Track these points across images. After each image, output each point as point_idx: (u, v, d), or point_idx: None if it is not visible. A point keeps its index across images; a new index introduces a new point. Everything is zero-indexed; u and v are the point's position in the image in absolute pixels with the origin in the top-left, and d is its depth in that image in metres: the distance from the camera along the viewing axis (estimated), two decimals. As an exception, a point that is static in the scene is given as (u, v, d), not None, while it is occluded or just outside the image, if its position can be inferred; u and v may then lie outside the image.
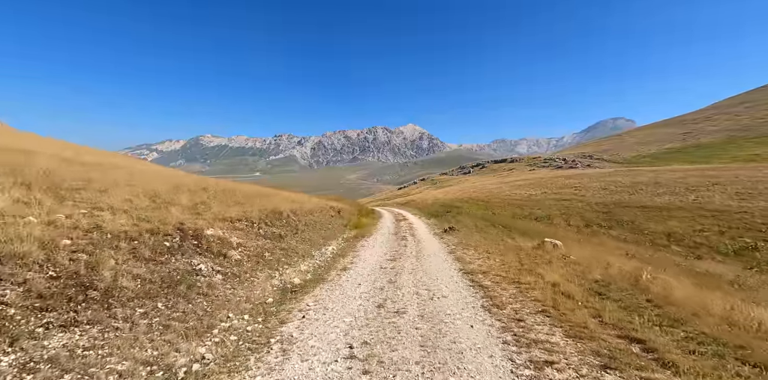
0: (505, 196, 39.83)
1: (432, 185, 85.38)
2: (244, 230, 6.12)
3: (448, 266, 6.29)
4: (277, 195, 13.97)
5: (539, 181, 47.98)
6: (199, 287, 3.53)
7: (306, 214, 11.12)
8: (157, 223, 4.14)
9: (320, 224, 11.06)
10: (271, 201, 10.81)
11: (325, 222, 11.71)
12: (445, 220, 16.59)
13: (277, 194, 14.56)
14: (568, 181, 42.84)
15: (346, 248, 8.56)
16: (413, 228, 13.56)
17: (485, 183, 61.02)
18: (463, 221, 16.00)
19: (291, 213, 9.34)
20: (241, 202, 8.86)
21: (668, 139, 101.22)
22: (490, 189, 47.56)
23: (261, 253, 5.58)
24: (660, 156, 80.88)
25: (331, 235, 10.36)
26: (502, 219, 17.83)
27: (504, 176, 75.32)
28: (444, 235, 11.32)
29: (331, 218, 13.61)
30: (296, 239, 7.67)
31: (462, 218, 18.29)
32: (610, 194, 32.06)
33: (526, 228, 12.67)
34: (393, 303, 4.13)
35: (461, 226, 13.50)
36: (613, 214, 25.35)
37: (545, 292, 4.12)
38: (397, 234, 11.80)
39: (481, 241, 9.52)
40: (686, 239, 19.42)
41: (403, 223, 15.96)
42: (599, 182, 37.96)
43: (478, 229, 12.28)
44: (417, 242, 9.90)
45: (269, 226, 7.22)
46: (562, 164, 78.67)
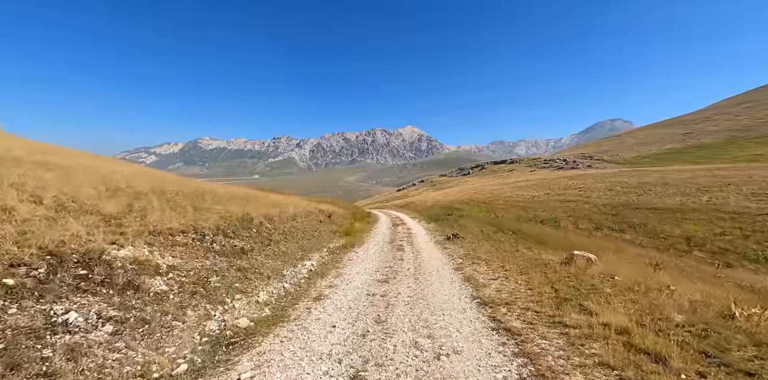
0: (507, 197, 38.39)
1: (431, 186, 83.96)
2: (188, 246, 4.60)
3: (456, 292, 4.75)
4: (261, 198, 12.43)
5: (541, 182, 46.63)
6: (46, 359, 2.02)
7: (287, 220, 9.58)
8: (14, 245, 2.65)
9: (303, 232, 9.53)
10: (247, 206, 9.27)
11: (309, 229, 10.18)
12: (447, 224, 15.05)
13: (262, 197, 13.03)
14: (572, 182, 41.50)
15: (330, 263, 7.01)
16: (411, 235, 12.02)
17: (485, 184, 59.65)
18: (467, 225, 14.47)
19: (266, 220, 7.82)
20: (204, 207, 7.34)
21: (668, 139, 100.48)
22: (490, 190, 46.11)
23: (204, 278, 4.06)
24: (661, 157, 79.99)
25: (315, 245, 8.81)
26: (509, 223, 16.30)
27: (504, 177, 74.07)
28: (447, 243, 9.77)
29: (318, 223, 12.06)
30: (266, 253, 6.13)
31: (465, 222, 16.75)
32: (617, 195, 30.69)
33: (540, 234, 11.21)
34: (377, 369, 2.61)
35: (465, 232, 11.97)
36: (623, 216, 23.92)
37: (613, 348, 2.62)
38: (393, 243, 10.24)
39: (493, 252, 8.00)
40: (708, 243, 17.95)
41: (400, 228, 14.41)
42: (604, 183, 36.64)
43: (485, 236, 10.78)
44: (416, 253, 8.36)
45: (230, 238, 5.70)
46: (562, 165, 77.54)
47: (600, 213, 25.83)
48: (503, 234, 11.59)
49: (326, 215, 14.32)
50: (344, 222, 15.01)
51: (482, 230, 12.36)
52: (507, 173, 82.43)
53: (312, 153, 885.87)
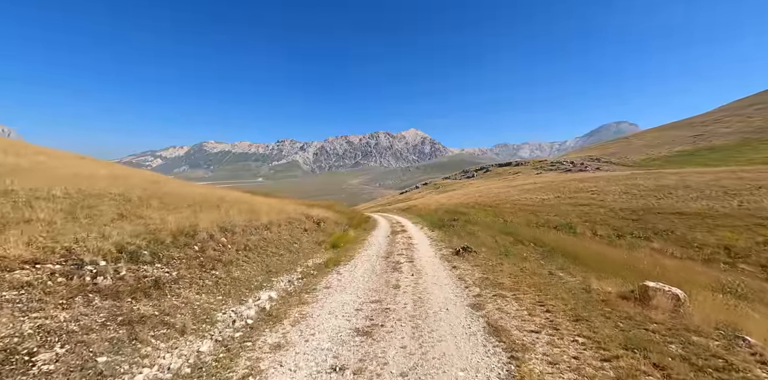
0: (515, 201, 36.29)
1: (435, 189, 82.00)
2: (38, 287, 2.75)
3: (483, 363, 2.82)
4: (239, 203, 10.60)
5: (549, 184, 44.50)
6: None
7: (257, 230, 7.70)
8: None
9: (278, 246, 7.65)
10: (210, 213, 7.43)
11: (287, 241, 8.31)
12: (454, 232, 13.07)
13: (244, 202, 11.20)
14: (583, 184, 39.35)
15: (297, 293, 5.08)
16: (413, 246, 10.06)
17: (491, 187, 57.60)
18: (477, 234, 12.48)
19: (220, 232, 5.97)
20: (138, 215, 5.52)
21: (678, 141, 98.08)
22: (497, 193, 44.04)
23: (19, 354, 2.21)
24: (671, 159, 77.71)
25: (288, 263, 6.91)
26: (525, 231, 14.28)
27: (510, 179, 72.06)
28: (456, 260, 7.81)
29: (302, 233, 10.16)
30: (202, 283, 4.26)
31: (473, 228, 14.75)
32: (634, 198, 28.52)
33: (570, 247, 9.24)
34: None
35: (477, 243, 10.01)
36: (645, 221, 21.77)
37: None
38: (389, 258, 8.29)
39: (518, 275, 6.04)
40: (753, 254, 15.76)
41: (400, 237, 12.46)
42: (618, 186, 34.48)
43: (501, 249, 8.81)
44: (416, 275, 6.41)
45: (144, 263, 3.85)
46: (570, 167, 75.45)
47: (618, 218, 23.71)
48: (523, 246, 9.59)
49: (315, 221, 12.42)
50: (336, 230, 13.11)
51: (497, 241, 10.37)
52: (512, 175, 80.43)
53: (316, 156, 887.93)
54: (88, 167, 16.14)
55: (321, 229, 12.01)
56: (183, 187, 13.87)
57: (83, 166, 15.92)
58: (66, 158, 18.40)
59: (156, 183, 13.83)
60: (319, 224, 12.28)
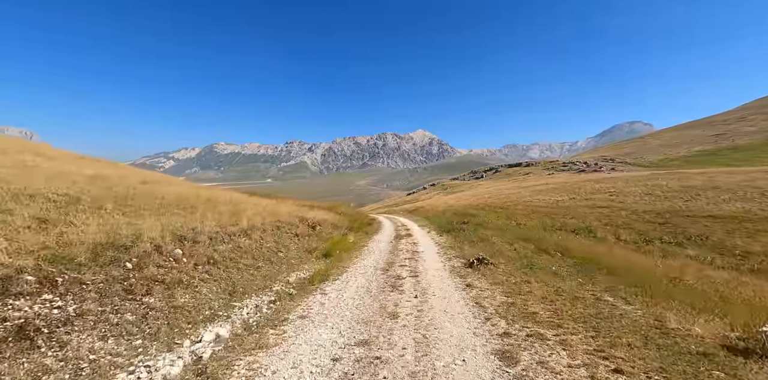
0: (527, 202, 34.49)
1: (442, 190, 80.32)
2: None
3: None
4: (224, 204, 9.43)
5: (563, 185, 42.49)
6: None
7: (232, 238, 6.46)
8: None
9: (256, 256, 6.40)
10: (174, 216, 6.25)
11: (271, 250, 7.06)
12: (465, 238, 11.64)
13: (229, 203, 10.03)
14: (599, 185, 37.28)
15: (260, 328, 3.75)
16: (417, 255, 8.69)
17: (501, 188, 55.75)
18: (491, 239, 11.01)
19: (174, 242, 4.75)
20: (57, 220, 4.33)
21: (698, 141, 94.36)
22: (507, 195, 42.24)
23: None
24: (691, 159, 74.50)
25: (265, 279, 5.63)
26: (545, 237, 12.74)
27: (520, 180, 69.97)
28: (470, 275, 6.41)
29: (292, 239, 8.90)
30: (117, 319, 2.97)
31: (486, 233, 13.26)
32: (658, 200, 26.52)
33: (604, 257, 7.75)
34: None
35: (492, 251, 8.58)
36: (674, 225, 19.88)
37: None
38: (389, 271, 6.94)
39: (555, 301, 4.62)
40: (810, 264, 13.92)
41: (404, 243, 11.10)
42: (639, 187, 32.40)
43: (523, 260, 7.39)
44: (421, 298, 5.05)
45: (16, 297, 2.59)
46: (584, 168, 72.90)
47: (643, 221, 21.83)
48: (548, 257, 8.13)
49: (309, 225, 11.13)
50: (334, 234, 11.82)
51: (515, 249, 8.92)
52: (523, 176, 78.25)
53: (323, 157, 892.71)
54: (82, 166, 15.27)
55: (316, 233, 10.74)
56: (171, 187, 12.79)
57: (77, 166, 15.05)
58: (61, 159, 17.62)
59: (145, 183, 12.79)
60: (315, 228, 10.99)
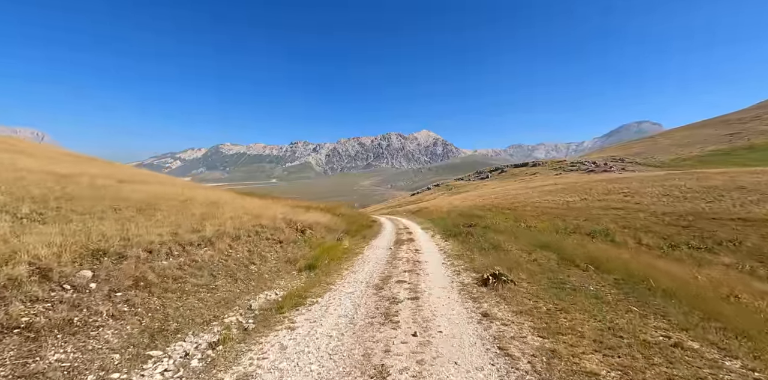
0: (536, 203, 32.92)
1: (447, 190, 78.76)
2: None
3: None
4: (202, 205, 8.22)
5: (573, 186, 40.82)
6: None
7: (189, 249, 5.22)
8: None
9: (216, 271, 5.19)
10: (116, 221, 5.00)
11: (241, 262, 5.83)
12: (474, 244, 10.27)
13: (205, 204, 8.80)
14: (612, 186, 35.58)
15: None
16: (419, 267, 7.36)
17: (507, 188, 54.12)
18: (505, 246, 9.61)
19: (79, 260, 3.48)
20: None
21: (711, 140, 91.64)
22: (514, 195, 40.66)
23: None
24: (705, 159, 72.11)
25: (217, 305, 4.39)
26: (567, 243, 11.28)
27: (527, 180, 68.24)
28: (486, 298, 5.08)
29: (273, 246, 7.65)
30: None
31: (497, 237, 11.85)
32: (678, 201, 24.85)
33: (651, 272, 6.33)
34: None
35: (508, 261, 7.21)
36: (700, 229, 18.22)
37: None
38: (382, 290, 5.63)
39: (617, 349, 3.26)
40: None
41: (405, 250, 9.76)
42: (655, 187, 30.69)
43: (548, 275, 6.03)
44: (421, 337, 3.70)
45: None
46: (593, 168, 70.94)
47: (663, 224, 20.20)
48: (579, 270, 6.72)
49: (298, 229, 9.84)
50: (327, 239, 10.51)
51: (536, 259, 7.54)
52: (530, 176, 76.43)
53: (328, 157, 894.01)
54: (62, 165, 14.26)
55: (305, 239, 9.44)
56: (150, 186, 11.65)
57: (57, 164, 14.02)
58: (45, 158, 16.67)
59: (121, 182, 11.70)
60: (304, 233, 9.68)
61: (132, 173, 20.75)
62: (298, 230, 9.52)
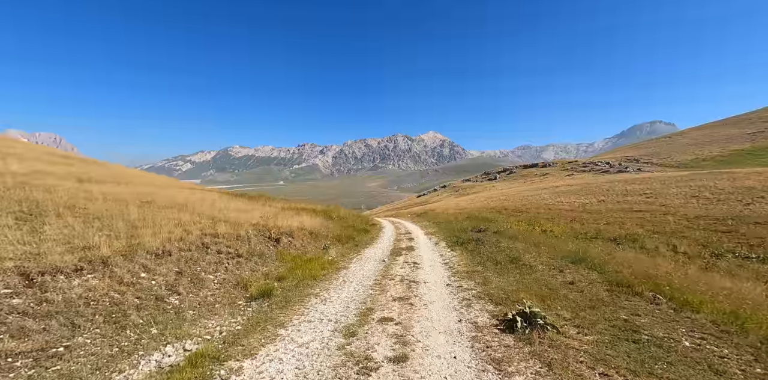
0: (549, 205, 30.82)
1: (454, 192, 76.61)
2: None
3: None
4: (160, 208, 6.66)
5: (587, 187, 38.54)
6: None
7: (29, 283, 3.57)
8: None
9: (75, 320, 3.47)
10: None
11: (145, 296, 4.16)
12: (488, 256, 8.46)
13: (162, 206, 7.24)
14: (631, 187, 33.32)
15: None
16: (417, 292, 5.60)
17: (518, 190, 51.89)
18: (526, 259, 7.80)
19: None
20: None
21: (733, 139, 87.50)
22: (525, 197, 38.55)
23: None
24: (726, 159, 68.48)
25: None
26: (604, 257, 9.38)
27: (537, 181, 65.78)
28: (522, 369, 3.18)
29: (223, 263, 6.05)
30: None
31: (513, 246, 10.00)
32: (711, 203, 22.57)
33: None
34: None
35: (534, 284, 5.43)
36: (744, 235, 16.01)
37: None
38: (352, 344, 3.85)
39: None
40: None
41: (401, 263, 8.03)
42: (680, 188, 28.38)
43: (602, 310, 4.21)
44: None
45: None
46: (607, 168, 68.16)
47: (698, 229, 18.00)
48: (643, 302, 4.83)
49: (271, 237, 8.15)
50: (309, 249, 8.83)
51: (572, 282, 5.71)
52: (540, 177, 73.85)
53: (335, 160, 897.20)
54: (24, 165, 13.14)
55: (280, 250, 7.77)
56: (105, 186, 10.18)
57: (22, 163, 12.95)
58: (26, 158, 15.74)
59: (82, 182, 10.30)
60: (279, 242, 7.96)
61: (115, 174, 19.33)
62: (270, 239, 7.85)
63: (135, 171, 31.29)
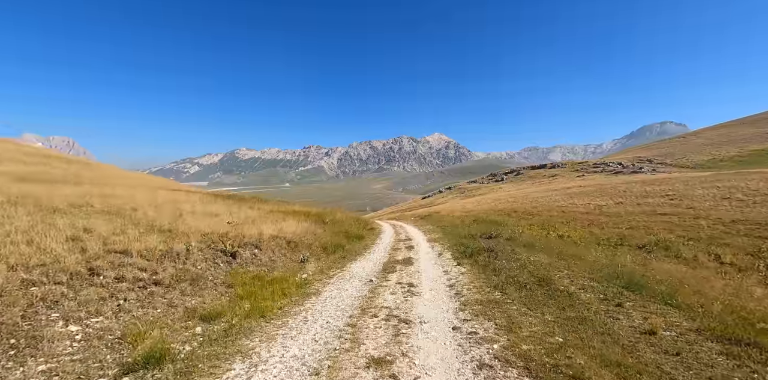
0: (562, 207, 28.66)
1: (459, 193, 74.37)
2: None
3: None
4: None
5: (602, 188, 36.25)
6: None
7: None
8: None
9: None
10: None
11: None
12: (507, 276, 6.56)
13: None
14: (650, 188, 31.01)
15: None
16: (405, 344, 3.64)
17: (526, 191, 49.66)
18: (559, 283, 5.90)
19: None
20: None
21: (751, 139, 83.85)
22: (535, 198, 36.36)
23: None
24: (746, 160, 65.22)
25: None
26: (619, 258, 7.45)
27: (547, 183, 63.36)
28: None
29: (115, 299, 4.27)
30: None
31: (533, 258, 8.13)
32: (746, 206, 20.35)
33: None
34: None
35: (593, 337, 3.53)
36: (793, 242, 13.83)
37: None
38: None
39: None
40: None
41: (392, 286, 6.22)
42: (707, 190, 26.01)
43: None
44: None
45: None
46: (620, 169, 65.41)
47: (738, 235, 15.94)
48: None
49: (226, 252, 6.38)
50: (279, 264, 7.06)
51: (651, 332, 3.76)
52: (549, 178, 71.28)
53: (340, 162, 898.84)
54: None
55: (235, 267, 5.96)
56: (43, 186, 8.62)
57: None
58: None
59: (22, 181, 8.68)
60: (235, 257, 6.12)
61: (102, 174, 18.10)
62: (225, 253, 6.06)
63: (127, 173, 29.70)
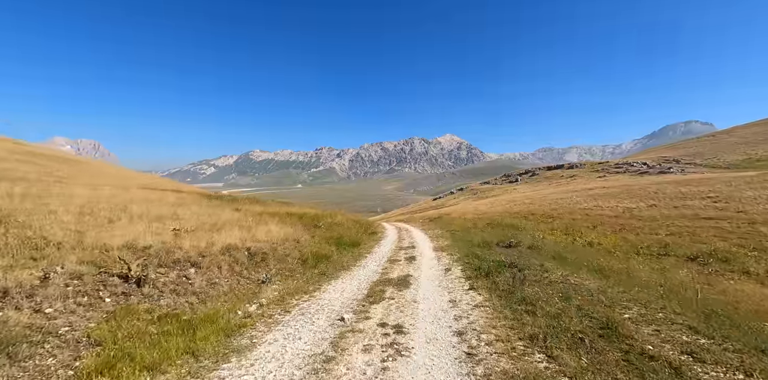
0: (585, 210, 25.86)
1: (472, 195, 71.36)
2: None
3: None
4: None
5: (628, 189, 33.11)
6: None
7: None
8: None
9: None
10: None
11: None
12: (548, 319, 4.22)
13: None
14: (686, 189, 27.81)
15: None
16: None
17: (543, 193, 46.48)
18: (645, 339, 3.70)
19: None
20: None
21: (793, 136, 77.75)
22: (554, 200, 33.48)
23: None
24: (786, 159, 59.93)
25: None
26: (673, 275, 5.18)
27: (565, 184, 59.75)
28: None
29: None
30: None
31: (571, 278, 5.97)
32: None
33: None
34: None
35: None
36: None
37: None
38: None
39: None
40: None
41: (369, 335, 4.12)
42: (757, 191, 23.02)
43: None
44: None
45: None
46: (645, 169, 61.12)
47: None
48: None
49: (129, 277, 4.43)
50: (218, 289, 5.11)
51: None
52: (567, 179, 67.40)
53: (351, 163, 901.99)
54: None
55: (131, 302, 4.06)
56: None
57: None
58: None
59: None
60: (140, 285, 4.17)
61: (90, 172, 16.69)
62: (128, 280, 4.08)
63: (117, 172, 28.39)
